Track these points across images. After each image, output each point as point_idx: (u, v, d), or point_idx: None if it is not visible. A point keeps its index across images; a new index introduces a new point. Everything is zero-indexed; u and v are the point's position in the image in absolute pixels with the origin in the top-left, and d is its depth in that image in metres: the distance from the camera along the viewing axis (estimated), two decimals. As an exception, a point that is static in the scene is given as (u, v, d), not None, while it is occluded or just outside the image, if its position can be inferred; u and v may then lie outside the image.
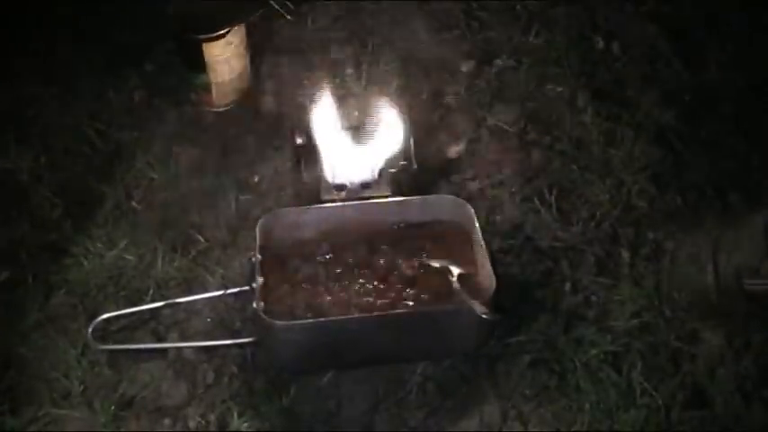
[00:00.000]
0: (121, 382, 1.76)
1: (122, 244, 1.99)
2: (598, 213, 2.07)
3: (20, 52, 2.43)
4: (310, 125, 2.02)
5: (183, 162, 2.21)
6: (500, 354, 1.80)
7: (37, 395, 1.74)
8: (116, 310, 1.85)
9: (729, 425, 1.71)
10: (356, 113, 2.07)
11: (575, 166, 2.17)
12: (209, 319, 1.88)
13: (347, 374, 1.77)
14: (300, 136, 2.05)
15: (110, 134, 2.27)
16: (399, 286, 1.82)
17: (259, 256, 1.81)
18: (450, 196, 1.97)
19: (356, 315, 1.77)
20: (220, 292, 1.89)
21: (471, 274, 1.83)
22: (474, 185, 2.14)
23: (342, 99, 2.14)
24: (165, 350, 1.82)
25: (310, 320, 1.75)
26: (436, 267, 1.84)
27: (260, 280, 1.78)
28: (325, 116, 2.04)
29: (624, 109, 2.31)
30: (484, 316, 1.68)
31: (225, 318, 1.88)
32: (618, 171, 2.16)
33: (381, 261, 1.86)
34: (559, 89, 2.37)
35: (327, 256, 1.89)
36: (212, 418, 1.71)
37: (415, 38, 2.55)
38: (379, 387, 1.76)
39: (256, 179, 2.16)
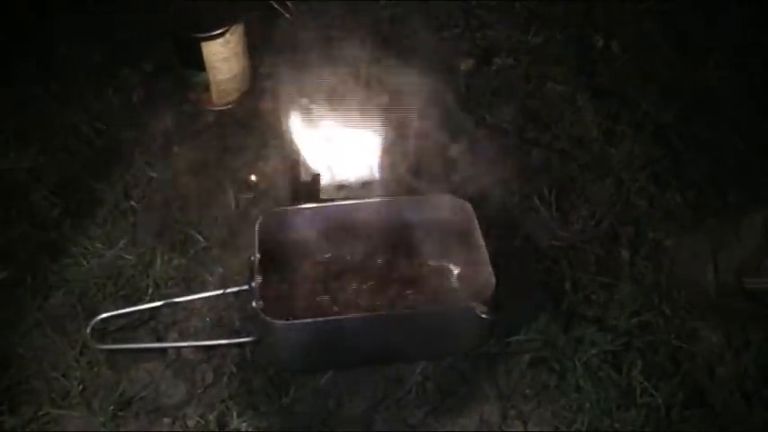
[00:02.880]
0: (120, 382, 1.75)
1: (121, 243, 1.99)
2: (598, 212, 2.07)
3: (19, 52, 2.43)
4: (309, 124, 2.02)
5: (182, 161, 2.21)
6: (500, 353, 1.80)
7: (36, 395, 1.73)
8: (115, 310, 1.85)
9: (729, 424, 1.71)
10: (355, 113, 2.06)
11: (574, 165, 2.18)
12: (208, 319, 1.87)
13: (346, 374, 1.77)
14: (300, 135, 2.04)
15: (109, 133, 2.27)
16: (399, 286, 1.82)
17: (258, 256, 1.80)
18: (449, 195, 1.96)
19: (355, 314, 1.77)
20: (219, 292, 1.88)
21: (471, 273, 1.82)
22: (474, 184, 2.13)
23: (342, 98, 2.14)
24: (164, 350, 1.82)
25: (309, 320, 1.75)
26: (435, 267, 1.84)
27: (259, 279, 1.77)
28: (324, 115, 2.03)
29: (624, 107, 2.31)
30: (483, 315, 1.68)
31: (224, 317, 1.87)
32: (617, 170, 2.16)
33: (380, 260, 1.86)
34: (559, 88, 2.38)
35: (326, 256, 1.88)
36: (211, 417, 1.70)
37: (415, 36, 2.54)
38: (379, 386, 1.75)
39: (255, 178, 2.15)
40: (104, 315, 1.83)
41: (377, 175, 2.01)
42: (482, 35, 2.54)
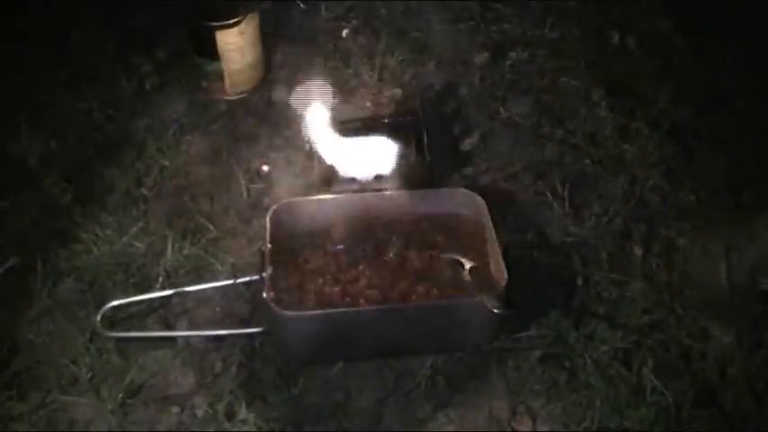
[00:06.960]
0: (129, 370, 1.75)
1: (132, 231, 1.99)
2: (611, 209, 2.06)
3: (32, 38, 2.43)
4: (323, 115, 2.01)
5: (194, 150, 2.21)
6: (510, 348, 1.80)
7: (45, 381, 1.73)
8: (125, 298, 1.85)
9: (739, 424, 1.70)
10: (369, 104, 2.06)
11: (588, 161, 2.17)
12: (218, 308, 1.87)
13: (356, 366, 1.76)
14: (313, 126, 2.04)
15: (121, 120, 2.27)
16: (410, 279, 1.82)
17: (269, 246, 1.80)
18: (462, 189, 1.96)
19: (366, 307, 1.76)
20: (230, 282, 1.88)
21: (482, 267, 1.82)
22: (487, 178, 2.13)
23: (355, 90, 2.14)
24: (173, 338, 1.82)
25: (320, 311, 1.75)
26: (447, 260, 1.83)
27: (270, 270, 1.77)
28: (338, 106, 2.03)
29: (638, 104, 2.30)
30: (494, 310, 1.67)
31: (234, 307, 1.87)
32: (631, 166, 2.15)
33: (392, 253, 1.86)
34: (574, 83, 2.37)
35: (338, 247, 1.88)
36: (220, 407, 1.70)
37: (429, 29, 2.54)
38: (388, 379, 1.75)
39: (267, 168, 2.15)
40: (114, 303, 1.83)
41: (390, 167, 2.00)
42: (497, 29, 2.53)
